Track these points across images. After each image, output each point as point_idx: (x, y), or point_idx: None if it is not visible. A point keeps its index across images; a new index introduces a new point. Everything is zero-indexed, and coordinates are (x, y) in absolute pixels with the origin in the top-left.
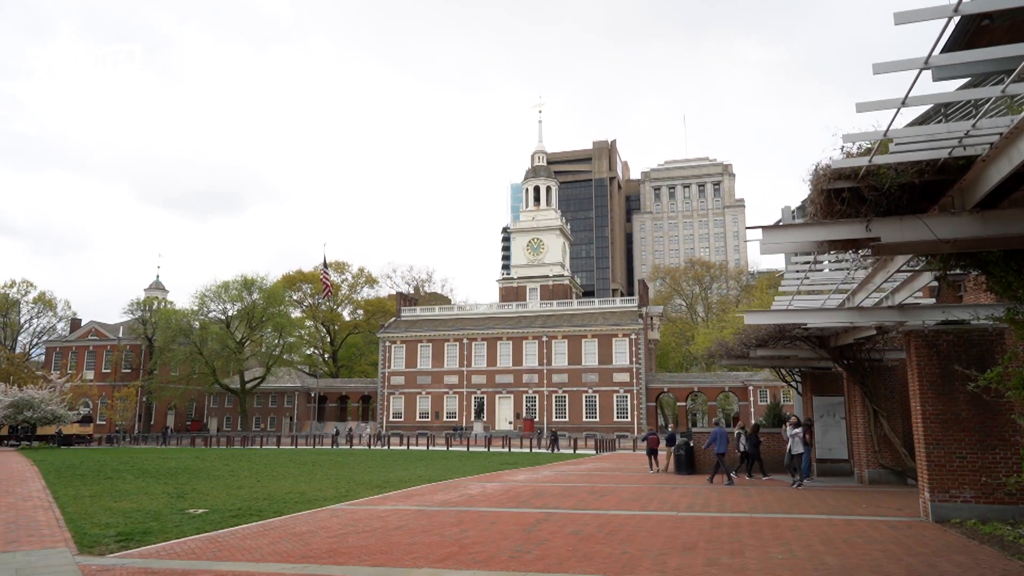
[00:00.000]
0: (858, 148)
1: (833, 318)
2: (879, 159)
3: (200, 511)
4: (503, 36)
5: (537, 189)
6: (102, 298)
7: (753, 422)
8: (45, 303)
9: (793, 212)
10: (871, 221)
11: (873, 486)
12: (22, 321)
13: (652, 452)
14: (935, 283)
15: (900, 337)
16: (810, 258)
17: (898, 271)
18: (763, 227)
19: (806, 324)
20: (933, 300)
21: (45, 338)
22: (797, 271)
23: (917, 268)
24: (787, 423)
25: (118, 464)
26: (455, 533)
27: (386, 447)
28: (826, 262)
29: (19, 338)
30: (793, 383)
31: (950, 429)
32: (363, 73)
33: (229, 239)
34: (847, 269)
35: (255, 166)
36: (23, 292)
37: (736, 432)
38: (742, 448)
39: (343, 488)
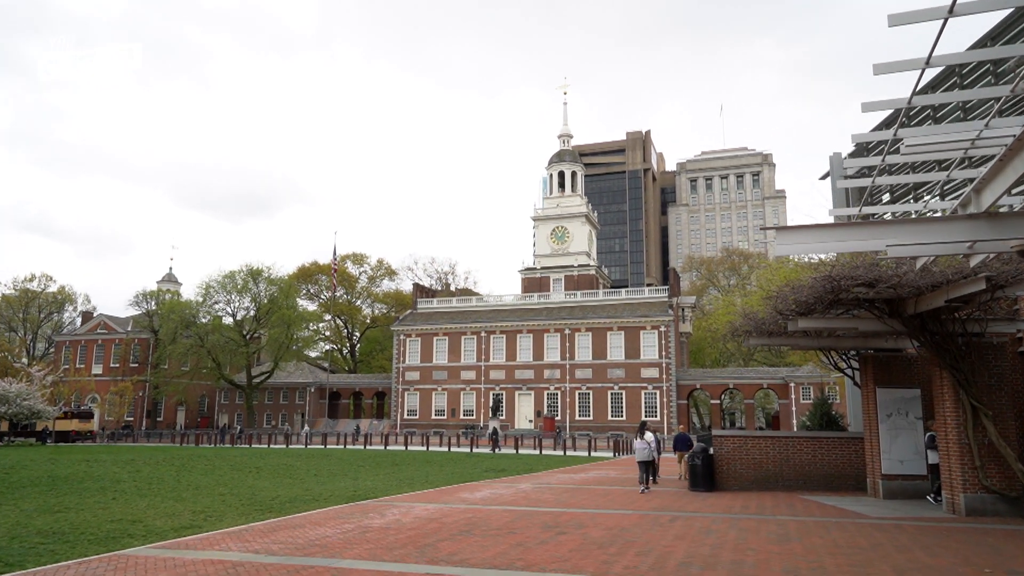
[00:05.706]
0: None
1: (938, 234)
2: None
3: None
4: (523, 41)
5: (561, 174)
6: (131, 296)
7: None
8: (64, 297)
9: (845, 157)
10: None
11: (974, 519)
12: (41, 316)
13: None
14: None
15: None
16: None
17: None
18: None
19: (884, 250)
20: None
21: (64, 332)
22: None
23: None
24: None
25: (13, 469)
26: None
27: (384, 447)
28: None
29: (39, 331)
30: (848, 371)
31: None
32: (387, 79)
33: (262, 240)
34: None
35: (286, 169)
36: (42, 286)
37: (927, 435)
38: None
39: (217, 510)
